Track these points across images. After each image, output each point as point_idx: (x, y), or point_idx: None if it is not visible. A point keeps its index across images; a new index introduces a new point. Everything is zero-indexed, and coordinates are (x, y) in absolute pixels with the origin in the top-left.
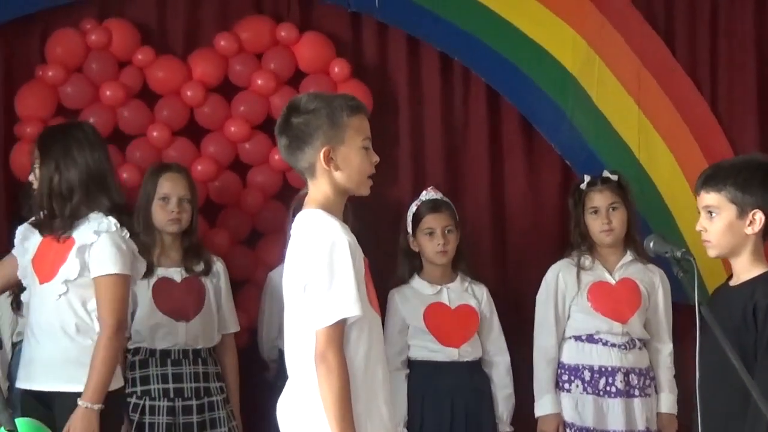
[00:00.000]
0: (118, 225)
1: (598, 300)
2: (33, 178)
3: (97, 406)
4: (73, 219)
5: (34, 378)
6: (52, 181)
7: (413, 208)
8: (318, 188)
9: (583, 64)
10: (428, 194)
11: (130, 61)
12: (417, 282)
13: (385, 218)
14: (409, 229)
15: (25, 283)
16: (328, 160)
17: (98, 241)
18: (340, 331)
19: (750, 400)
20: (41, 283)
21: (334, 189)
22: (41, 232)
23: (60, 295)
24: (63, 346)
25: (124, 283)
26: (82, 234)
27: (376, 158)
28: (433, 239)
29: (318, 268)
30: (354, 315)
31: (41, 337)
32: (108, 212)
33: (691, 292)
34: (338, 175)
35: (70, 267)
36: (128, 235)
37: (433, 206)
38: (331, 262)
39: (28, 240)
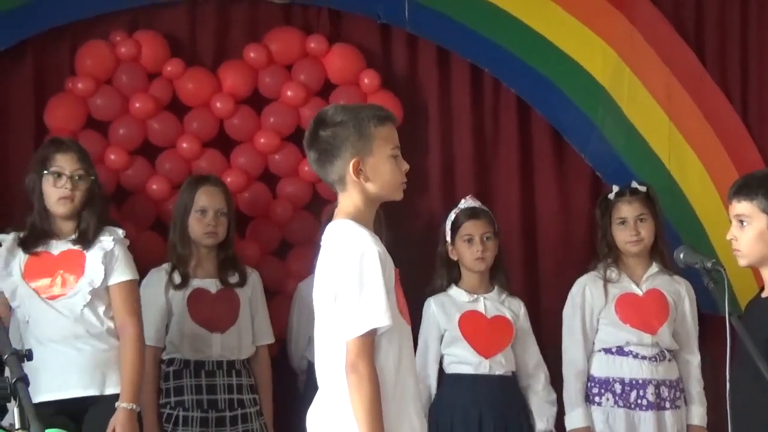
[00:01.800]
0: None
1: (626, 312)
2: (66, 185)
3: (138, 408)
4: (101, 230)
5: (67, 387)
6: (97, 193)
7: (452, 216)
8: (348, 199)
9: (613, 75)
10: (467, 202)
11: (160, 72)
12: (454, 290)
13: (415, 228)
14: (448, 237)
15: (17, 303)
16: (358, 171)
17: (116, 248)
18: (370, 342)
19: None
20: (52, 298)
21: (364, 199)
22: (82, 247)
23: (84, 305)
24: (99, 350)
25: (137, 288)
26: (101, 242)
27: (406, 166)
28: (472, 246)
29: (348, 279)
30: (384, 325)
31: (69, 347)
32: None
33: (722, 303)
34: (369, 186)
35: (94, 275)
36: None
37: (472, 213)
38: (361, 272)
39: (9, 264)
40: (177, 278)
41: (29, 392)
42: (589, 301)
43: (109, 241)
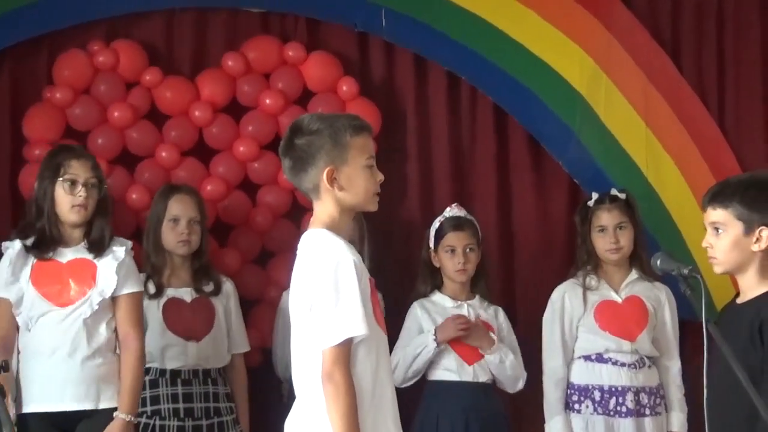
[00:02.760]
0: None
1: (605, 319)
2: (80, 192)
3: (135, 419)
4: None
5: (61, 399)
6: (108, 202)
7: (436, 224)
8: (322, 208)
9: (590, 81)
10: (452, 211)
11: (138, 82)
12: (438, 296)
13: (393, 235)
14: (431, 245)
15: (20, 309)
16: (332, 180)
17: (127, 259)
18: (346, 351)
19: (758, 417)
20: (60, 306)
21: (338, 209)
22: (94, 256)
23: (90, 315)
24: (96, 363)
25: (142, 300)
26: (114, 252)
27: (380, 176)
28: (454, 257)
29: (323, 288)
30: (360, 334)
31: (68, 358)
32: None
33: (699, 309)
34: (342, 195)
35: (106, 285)
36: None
37: (456, 224)
38: (336, 281)
39: (16, 270)
40: (151, 288)
41: (22, 402)
42: (568, 309)
43: (121, 251)
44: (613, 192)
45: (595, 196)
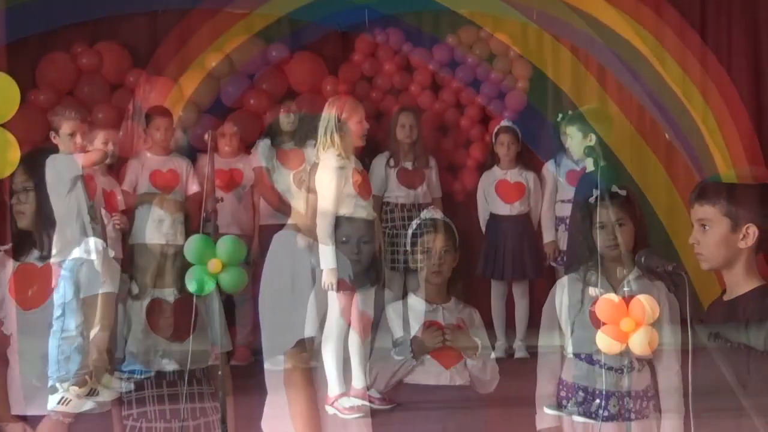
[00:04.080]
0: (105, 245)
1: (601, 316)
2: (16, 198)
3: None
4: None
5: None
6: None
7: (413, 225)
8: (295, 211)
9: (576, 81)
10: (428, 213)
11: (122, 83)
12: (412, 299)
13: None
14: (408, 247)
15: (3, 313)
16: (300, 182)
17: (94, 260)
18: (301, 351)
19: (744, 415)
20: (28, 309)
21: (310, 211)
22: (56, 259)
23: (58, 317)
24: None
25: (113, 300)
26: (79, 254)
27: (356, 177)
28: (429, 259)
29: (281, 290)
30: (309, 336)
31: (39, 361)
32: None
33: (684, 306)
34: (312, 198)
35: (66, 288)
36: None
37: (432, 226)
38: (292, 284)
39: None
40: (135, 288)
41: None
42: (566, 304)
43: (85, 252)
44: (613, 189)
45: (595, 192)
